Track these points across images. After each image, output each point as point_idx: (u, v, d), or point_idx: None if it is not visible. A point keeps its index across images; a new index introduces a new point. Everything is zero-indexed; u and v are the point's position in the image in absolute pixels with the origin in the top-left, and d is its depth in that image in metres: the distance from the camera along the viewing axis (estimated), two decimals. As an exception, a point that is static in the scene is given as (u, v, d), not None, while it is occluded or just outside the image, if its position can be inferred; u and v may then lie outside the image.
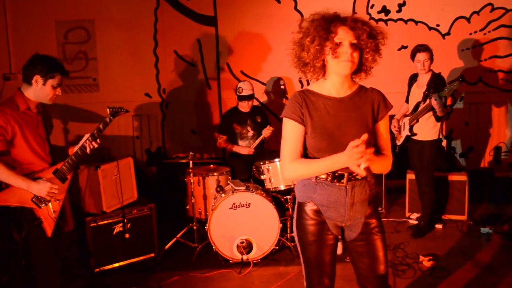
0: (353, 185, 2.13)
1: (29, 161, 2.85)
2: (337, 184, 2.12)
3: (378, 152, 2.18)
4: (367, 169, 1.95)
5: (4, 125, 2.73)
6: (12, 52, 5.40)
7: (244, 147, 4.88)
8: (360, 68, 2.13)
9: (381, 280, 2.23)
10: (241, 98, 4.84)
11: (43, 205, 2.84)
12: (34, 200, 2.81)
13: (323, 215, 2.17)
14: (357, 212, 2.17)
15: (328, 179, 2.12)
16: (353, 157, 1.93)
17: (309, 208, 2.18)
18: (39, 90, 2.84)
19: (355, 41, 2.03)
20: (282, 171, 2.19)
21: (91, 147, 3.00)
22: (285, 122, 2.16)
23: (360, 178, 2.13)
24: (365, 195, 2.17)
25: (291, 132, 2.14)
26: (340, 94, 2.15)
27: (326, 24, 2.04)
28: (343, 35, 2.02)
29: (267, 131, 4.76)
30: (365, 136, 1.91)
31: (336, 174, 2.11)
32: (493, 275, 3.65)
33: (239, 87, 4.85)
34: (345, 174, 2.10)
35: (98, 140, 3.02)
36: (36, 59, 2.86)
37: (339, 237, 2.25)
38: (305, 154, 2.17)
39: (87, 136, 3.02)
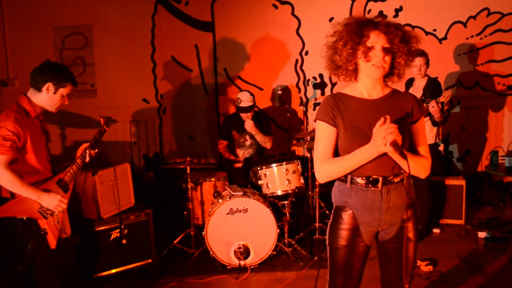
0: (388, 189, 2.12)
1: (35, 170, 2.81)
2: (372, 188, 2.12)
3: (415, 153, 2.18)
4: (395, 143, 1.92)
5: (17, 132, 2.66)
6: (9, 58, 5.41)
7: (238, 159, 4.92)
8: (392, 72, 2.15)
9: (404, 284, 2.23)
10: (240, 109, 4.82)
11: (49, 215, 2.80)
12: (40, 210, 2.76)
13: (357, 220, 2.16)
14: (393, 216, 2.17)
15: (363, 184, 2.12)
16: (380, 136, 1.93)
17: (345, 213, 2.18)
18: (49, 98, 2.80)
19: (387, 45, 2.05)
20: (315, 174, 2.18)
21: (90, 156, 3.03)
22: (318, 125, 2.18)
23: (396, 181, 2.13)
24: (401, 199, 2.16)
25: (323, 134, 2.15)
26: (372, 96, 2.16)
27: (359, 28, 2.06)
28: (376, 39, 2.05)
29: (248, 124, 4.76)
30: (388, 116, 1.93)
31: (371, 178, 2.11)
32: (490, 279, 3.65)
33: (238, 98, 4.82)
34: (380, 178, 2.10)
35: (96, 149, 3.05)
36: (49, 66, 2.81)
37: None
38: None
39: (85, 145, 3.03)
